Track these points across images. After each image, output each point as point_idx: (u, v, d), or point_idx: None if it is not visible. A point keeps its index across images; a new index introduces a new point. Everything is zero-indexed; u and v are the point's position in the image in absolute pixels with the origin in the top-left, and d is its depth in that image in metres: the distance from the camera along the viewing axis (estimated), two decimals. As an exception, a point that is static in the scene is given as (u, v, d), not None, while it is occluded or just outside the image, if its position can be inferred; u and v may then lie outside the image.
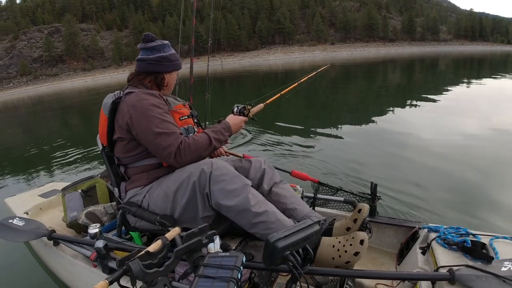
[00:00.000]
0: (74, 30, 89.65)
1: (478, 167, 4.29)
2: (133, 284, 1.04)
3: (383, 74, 22.55)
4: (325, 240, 1.55)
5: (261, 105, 2.22)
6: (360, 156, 5.01)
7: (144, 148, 1.70)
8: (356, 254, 1.43)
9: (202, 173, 1.55)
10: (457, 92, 11.39)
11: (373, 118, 7.95)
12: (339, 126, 7.40)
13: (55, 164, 6.29)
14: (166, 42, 1.86)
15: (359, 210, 1.69)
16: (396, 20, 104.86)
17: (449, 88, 12.23)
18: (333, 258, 1.48)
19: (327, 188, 2.47)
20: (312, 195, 2.39)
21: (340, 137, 6.38)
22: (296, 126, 7.61)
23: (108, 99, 1.74)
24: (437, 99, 9.86)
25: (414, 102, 9.69)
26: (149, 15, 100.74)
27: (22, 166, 6.57)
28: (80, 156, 6.62)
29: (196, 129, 1.89)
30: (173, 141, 1.59)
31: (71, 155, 6.79)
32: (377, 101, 11.21)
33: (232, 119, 1.87)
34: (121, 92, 1.76)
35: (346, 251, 1.45)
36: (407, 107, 9.20)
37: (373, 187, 2.14)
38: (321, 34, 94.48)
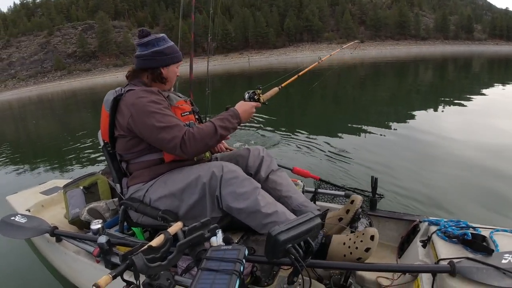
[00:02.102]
0: (106, 27, 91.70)
1: (493, 169, 4.15)
2: (136, 278, 1.05)
3: (413, 74, 21.88)
4: (335, 238, 1.56)
5: (276, 89, 2.16)
6: (372, 154, 4.93)
7: (146, 144, 1.71)
8: (367, 250, 1.44)
9: (212, 175, 1.57)
10: (490, 96, 10.46)
11: (396, 118, 7.77)
12: (359, 124, 7.18)
13: (58, 160, 6.37)
14: (161, 35, 1.83)
15: (352, 201, 1.70)
16: (429, 18, 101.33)
17: (482, 91, 11.40)
18: (345, 255, 1.48)
19: (329, 185, 2.46)
20: (313, 189, 2.39)
21: (356, 135, 6.33)
22: (313, 122, 7.57)
23: (109, 96, 1.76)
24: (467, 102, 9.25)
25: (443, 105, 9.27)
26: (179, 12, 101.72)
27: (25, 162, 6.61)
28: (83, 152, 6.67)
29: (197, 125, 1.86)
30: (177, 132, 1.58)
31: (75, 151, 6.89)
32: (404, 102, 10.83)
33: (242, 106, 1.79)
34: (122, 89, 1.78)
35: (357, 248, 1.46)
36: (435, 109, 8.76)
37: (374, 181, 2.12)
38: (351, 31, 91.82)
